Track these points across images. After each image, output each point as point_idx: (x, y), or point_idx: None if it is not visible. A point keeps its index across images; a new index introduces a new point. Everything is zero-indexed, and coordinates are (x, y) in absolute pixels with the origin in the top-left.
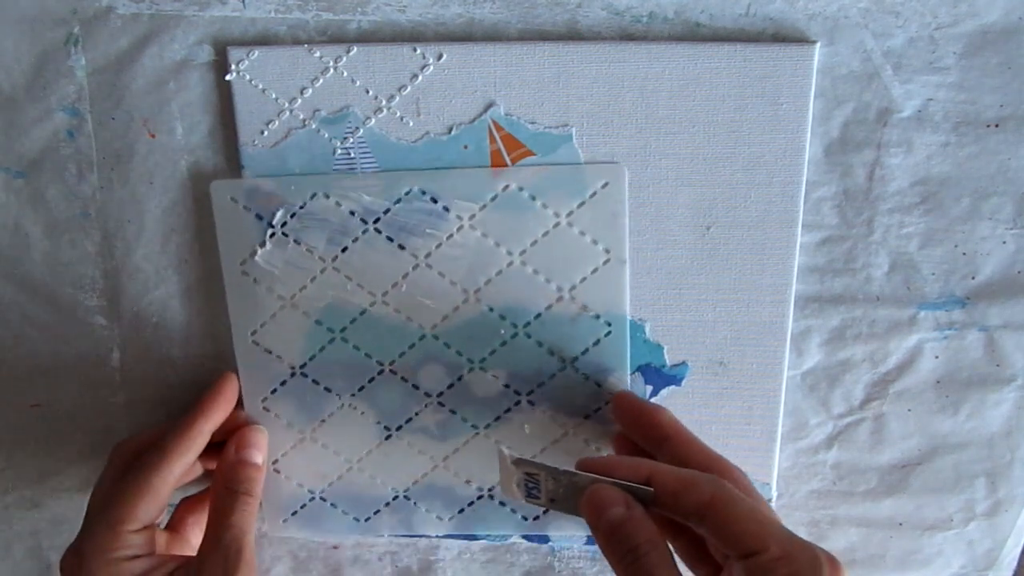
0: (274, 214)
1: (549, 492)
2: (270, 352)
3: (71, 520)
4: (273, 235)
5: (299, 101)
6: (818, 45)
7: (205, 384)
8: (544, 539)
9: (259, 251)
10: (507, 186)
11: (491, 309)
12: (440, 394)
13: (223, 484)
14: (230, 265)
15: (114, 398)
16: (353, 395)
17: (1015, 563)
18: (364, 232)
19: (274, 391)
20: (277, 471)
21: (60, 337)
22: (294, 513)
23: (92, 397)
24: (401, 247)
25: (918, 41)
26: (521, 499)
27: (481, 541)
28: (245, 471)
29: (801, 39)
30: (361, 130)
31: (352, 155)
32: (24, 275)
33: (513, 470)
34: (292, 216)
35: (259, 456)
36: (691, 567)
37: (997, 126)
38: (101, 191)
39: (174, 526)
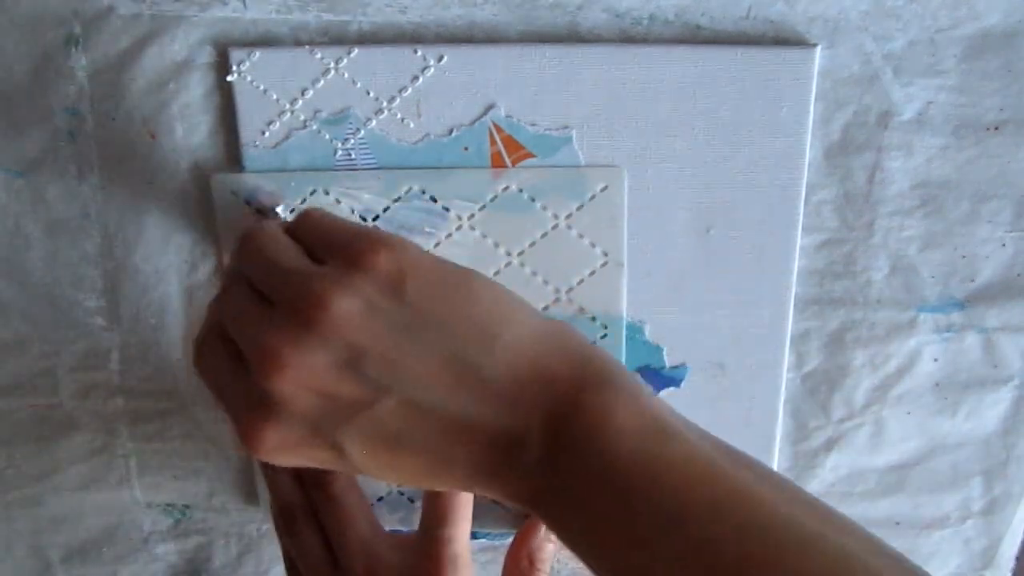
0: (274, 210)
1: None
2: None
3: (71, 519)
4: None
5: (300, 102)
6: (819, 48)
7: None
8: None
9: None
10: (507, 187)
11: None
12: None
13: None
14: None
15: (113, 399)
16: None
17: (1012, 562)
18: None
19: None
20: None
21: (60, 337)
22: None
23: (92, 398)
24: None
25: (918, 44)
26: None
27: (481, 540)
28: None
29: (802, 42)
30: (362, 131)
31: (353, 156)
32: (24, 275)
33: None
34: (292, 212)
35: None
36: None
37: (997, 129)
38: (101, 191)
39: None
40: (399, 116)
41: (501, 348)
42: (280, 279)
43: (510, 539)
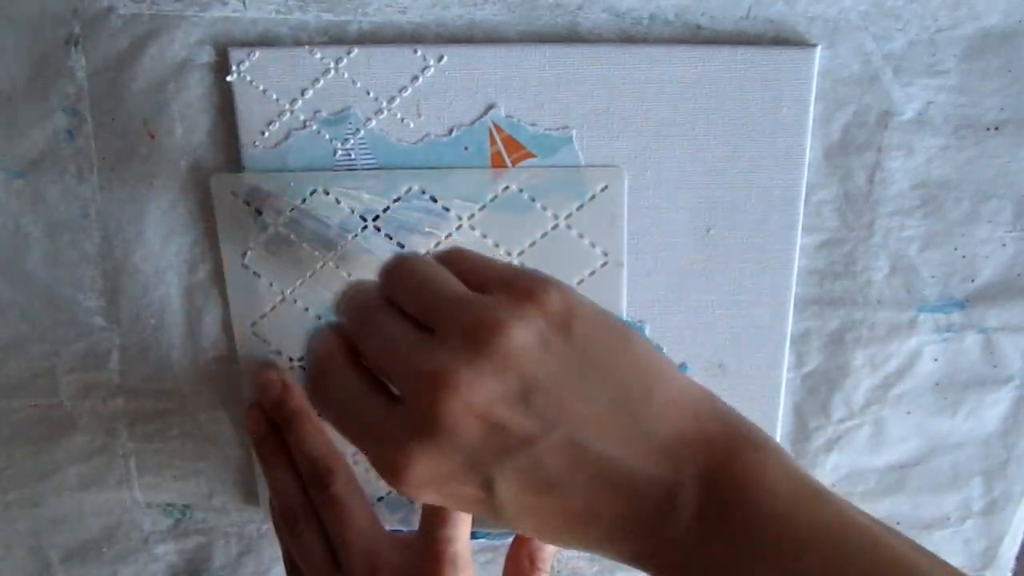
0: (274, 209)
1: None
2: (269, 344)
3: (71, 519)
4: (273, 230)
5: (300, 102)
6: (819, 48)
7: (203, 386)
8: None
9: (259, 245)
10: (507, 187)
11: None
12: None
13: None
14: (231, 258)
15: (113, 399)
16: None
17: (1012, 562)
18: (363, 230)
19: None
20: None
21: (60, 337)
22: None
23: (92, 398)
24: (400, 245)
25: (918, 44)
26: None
27: (481, 540)
28: None
29: (802, 42)
30: (362, 131)
31: (352, 156)
32: (24, 275)
33: None
34: (292, 211)
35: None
36: None
37: (997, 129)
38: (101, 191)
39: None
40: (399, 116)
41: (662, 402)
42: (448, 305)
43: (510, 539)
